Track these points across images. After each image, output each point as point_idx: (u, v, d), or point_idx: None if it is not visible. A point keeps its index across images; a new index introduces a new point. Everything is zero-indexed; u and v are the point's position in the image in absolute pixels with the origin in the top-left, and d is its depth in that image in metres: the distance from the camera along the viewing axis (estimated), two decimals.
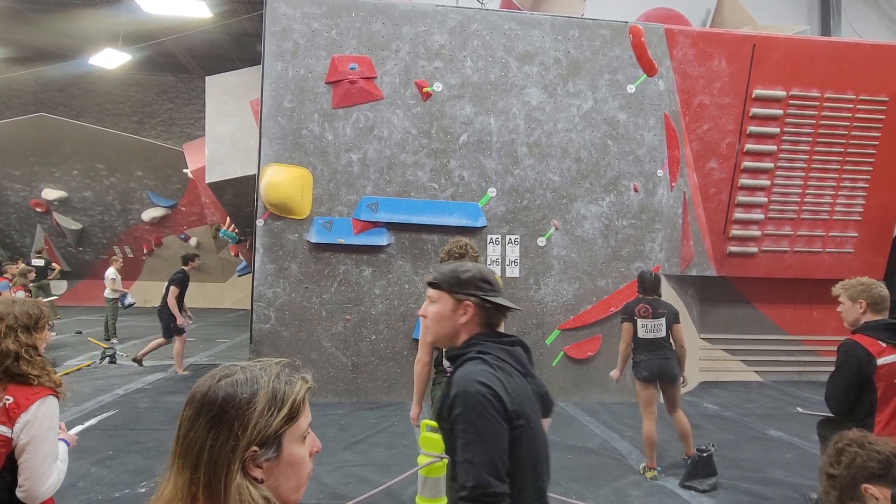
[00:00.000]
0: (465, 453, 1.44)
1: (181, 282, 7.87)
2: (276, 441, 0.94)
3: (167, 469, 0.95)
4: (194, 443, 0.91)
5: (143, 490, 4.11)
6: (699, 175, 7.70)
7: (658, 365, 4.59)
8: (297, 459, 0.97)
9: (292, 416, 0.96)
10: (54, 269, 12.82)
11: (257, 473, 0.92)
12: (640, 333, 4.66)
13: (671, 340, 4.69)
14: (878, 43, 8.04)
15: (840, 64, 7.61)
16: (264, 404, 0.93)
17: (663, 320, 4.64)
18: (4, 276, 9.95)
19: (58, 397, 1.95)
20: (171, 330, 7.81)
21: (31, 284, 11.86)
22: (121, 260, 10.98)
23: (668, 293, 7.31)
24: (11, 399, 1.82)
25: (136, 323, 12.52)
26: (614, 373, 4.94)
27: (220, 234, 12.28)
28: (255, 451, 0.91)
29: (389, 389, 6.64)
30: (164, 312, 7.79)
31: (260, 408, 0.93)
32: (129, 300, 10.57)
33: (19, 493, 1.83)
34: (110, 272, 10.31)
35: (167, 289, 7.82)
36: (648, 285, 4.77)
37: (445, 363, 3.45)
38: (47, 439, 1.88)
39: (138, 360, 8.04)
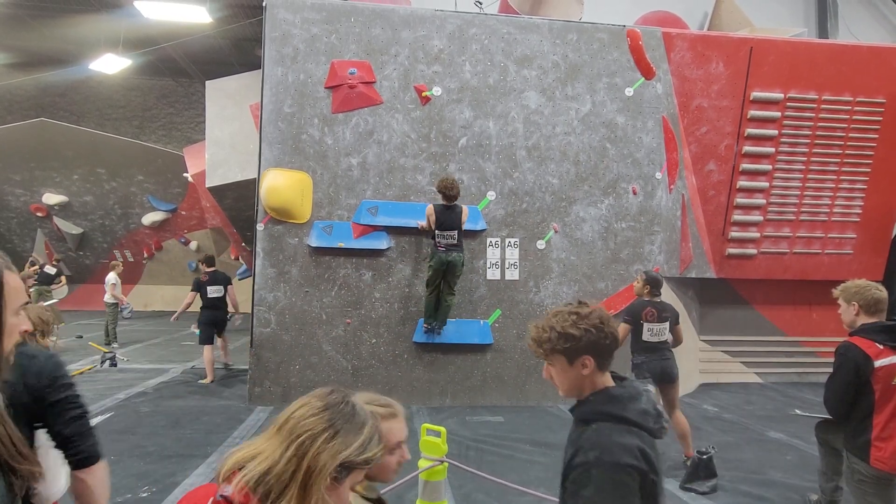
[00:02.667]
0: None
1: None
2: (346, 473, 1.06)
3: (264, 430, 1.06)
4: (308, 428, 1.02)
5: (145, 494, 4.12)
6: (698, 177, 7.72)
7: (659, 367, 4.67)
8: (343, 499, 1.09)
9: (367, 462, 1.08)
10: (61, 281, 12.84)
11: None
12: (646, 337, 4.71)
13: (669, 342, 4.81)
14: (875, 45, 8.08)
15: (837, 66, 7.64)
16: (367, 437, 1.07)
17: (667, 324, 4.74)
18: None
19: None
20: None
21: (31, 289, 11.89)
22: (121, 265, 11.00)
23: (667, 295, 7.33)
24: None
25: (137, 327, 12.53)
26: None
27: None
28: (339, 469, 1.03)
29: (390, 393, 6.58)
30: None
31: (363, 438, 1.06)
32: (126, 313, 10.66)
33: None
34: (111, 277, 10.32)
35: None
36: (660, 285, 4.86)
37: (438, 239, 6.23)
38: None
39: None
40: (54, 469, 1.90)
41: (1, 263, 1.36)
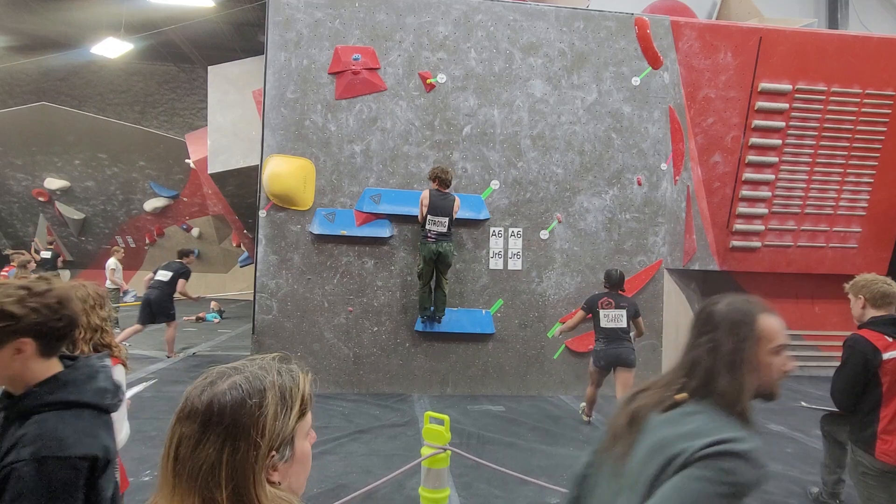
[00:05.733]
0: None
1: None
2: (290, 441, 0.92)
3: (157, 494, 0.88)
4: (206, 461, 0.85)
5: (147, 478, 4.13)
6: (703, 169, 7.66)
7: (615, 353, 5.20)
8: (306, 454, 0.96)
9: (303, 412, 0.94)
10: (60, 255, 12.79)
11: (275, 477, 0.90)
12: (603, 323, 5.23)
13: (631, 332, 5.32)
14: (885, 36, 7.97)
15: (847, 57, 7.55)
16: (276, 406, 0.90)
17: (624, 311, 5.24)
18: (12, 264, 9.97)
19: (125, 366, 2.22)
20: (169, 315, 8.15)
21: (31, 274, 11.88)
22: (122, 250, 10.98)
23: (669, 287, 7.31)
24: None
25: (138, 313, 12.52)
26: (561, 329, 5.82)
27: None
28: (274, 455, 0.89)
29: (391, 381, 6.65)
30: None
31: (273, 410, 0.89)
32: (130, 297, 10.73)
33: None
34: (111, 262, 10.31)
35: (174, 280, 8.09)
36: (614, 281, 5.38)
37: (428, 227, 6.21)
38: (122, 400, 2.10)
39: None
40: (118, 422, 1.98)
41: (756, 307, 1.33)
